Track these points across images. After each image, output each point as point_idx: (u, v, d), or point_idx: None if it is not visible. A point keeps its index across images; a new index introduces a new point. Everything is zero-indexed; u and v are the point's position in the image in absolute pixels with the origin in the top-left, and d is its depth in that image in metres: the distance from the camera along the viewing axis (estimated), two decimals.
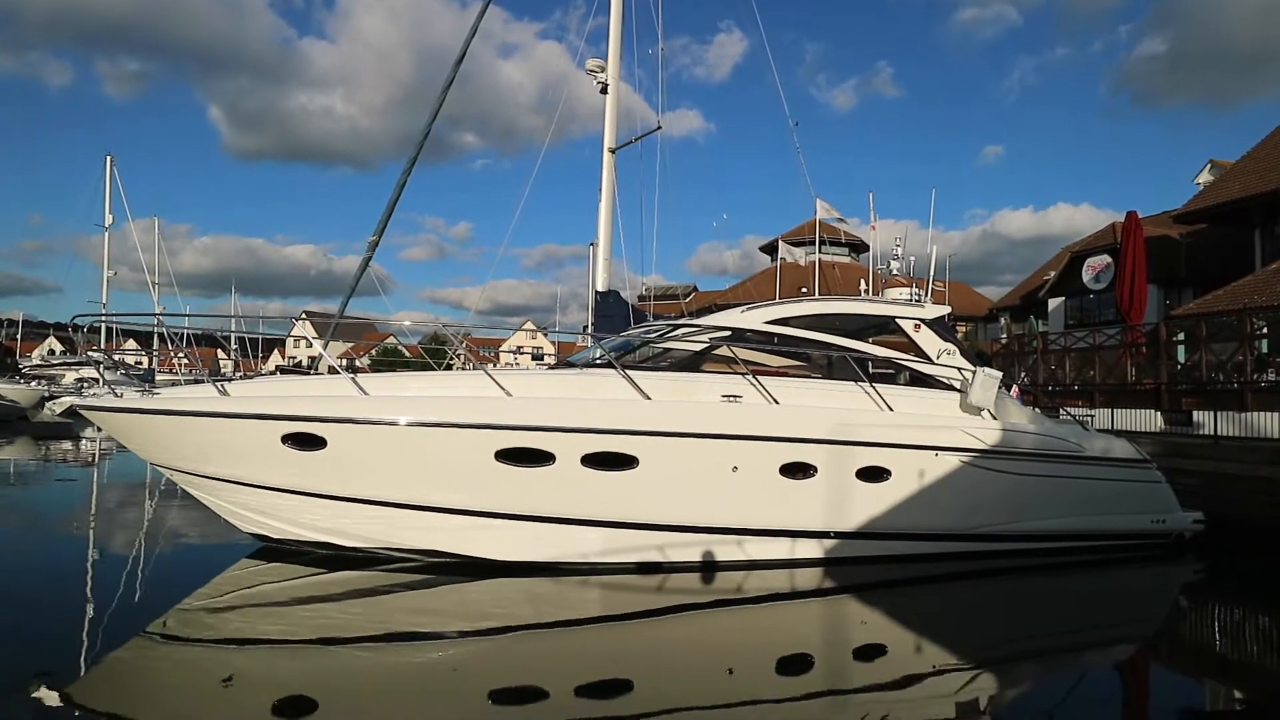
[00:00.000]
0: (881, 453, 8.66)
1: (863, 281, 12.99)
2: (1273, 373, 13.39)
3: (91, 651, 5.82)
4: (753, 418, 8.46)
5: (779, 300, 10.79)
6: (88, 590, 7.58)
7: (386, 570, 8.14)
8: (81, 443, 24.41)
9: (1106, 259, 25.39)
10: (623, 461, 8.05)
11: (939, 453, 8.87)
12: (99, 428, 9.57)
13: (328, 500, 8.13)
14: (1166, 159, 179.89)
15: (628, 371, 8.50)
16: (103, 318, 18.19)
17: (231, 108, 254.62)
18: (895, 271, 11.32)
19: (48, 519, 11.55)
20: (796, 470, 8.45)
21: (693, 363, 9.21)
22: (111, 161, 40.63)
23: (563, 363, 11.37)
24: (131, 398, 8.35)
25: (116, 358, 11.45)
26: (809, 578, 8.47)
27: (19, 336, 57.82)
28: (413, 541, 8.30)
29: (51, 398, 32.97)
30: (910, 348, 9.77)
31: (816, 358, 9.57)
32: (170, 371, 30.96)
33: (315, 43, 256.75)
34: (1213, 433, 12.47)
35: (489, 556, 8.23)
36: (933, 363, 9.63)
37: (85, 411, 8.88)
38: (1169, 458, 11.39)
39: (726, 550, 8.50)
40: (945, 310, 10.28)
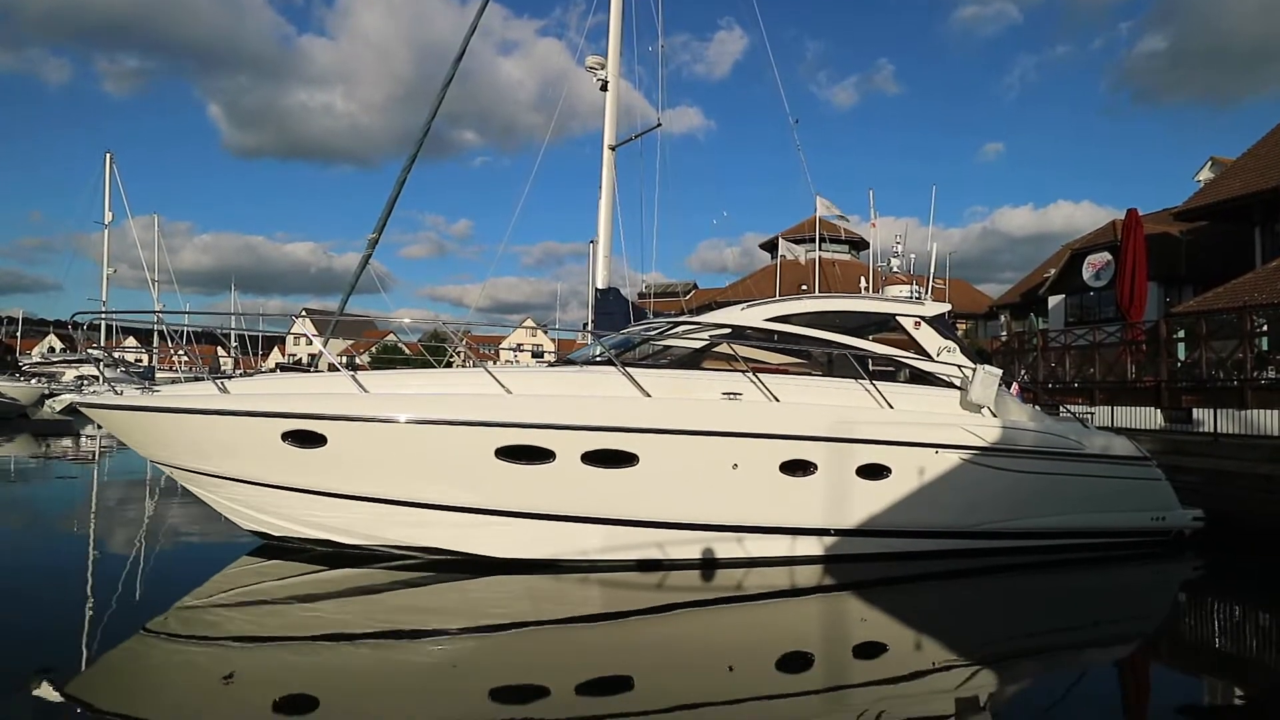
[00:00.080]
0: (881, 450, 8.66)
1: (863, 279, 12.98)
2: (1273, 370, 13.39)
3: (92, 648, 5.83)
4: (753, 415, 8.47)
5: (779, 298, 10.76)
6: (88, 588, 7.59)
7: (387, 568, 8.15)
8: (81, 440, 24.44)
9: (1107, 256, 25.39)
10: (623, 459, 8.05)
11: (939, 450, 8.87)
12: (99, 425, 9.57)
13: (328, 498, 8.14)
14: (1167, 156, 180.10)
15: (628, 369, 8.49)
16: (103, 315, 18.12)
17: (231, 105, 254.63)
18: (895, 269, 11.32)
19: (48, 517, 11.56)
20: (796, 468, 8.46)
21: (693, 360, 9.20)
22: (111, 159, 40.70)
23: (563, 360, 11.35)
24: (132, 395, 8.36)
25: (116, 355, 11.43)
26: (809, 575, 8.47)
27: (19, 334, 57.73)
28: (413, 539, 8.31)
29: (51, 395, 33.06)
30: (910, 345, 9.76)
31: (817, 355, 9.57)
32: (170, 369, 31.02)
33: (315, 40, 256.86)
34: (1212, 430, 12.49)
35: (489, 554, 8.23)
36: (933, 360, 9.62)
37: (85, 409, 8.89)
38: (1169, 455, 11.41)
39: (726, 548, 8.51)
40: (945, 308, 10.28)
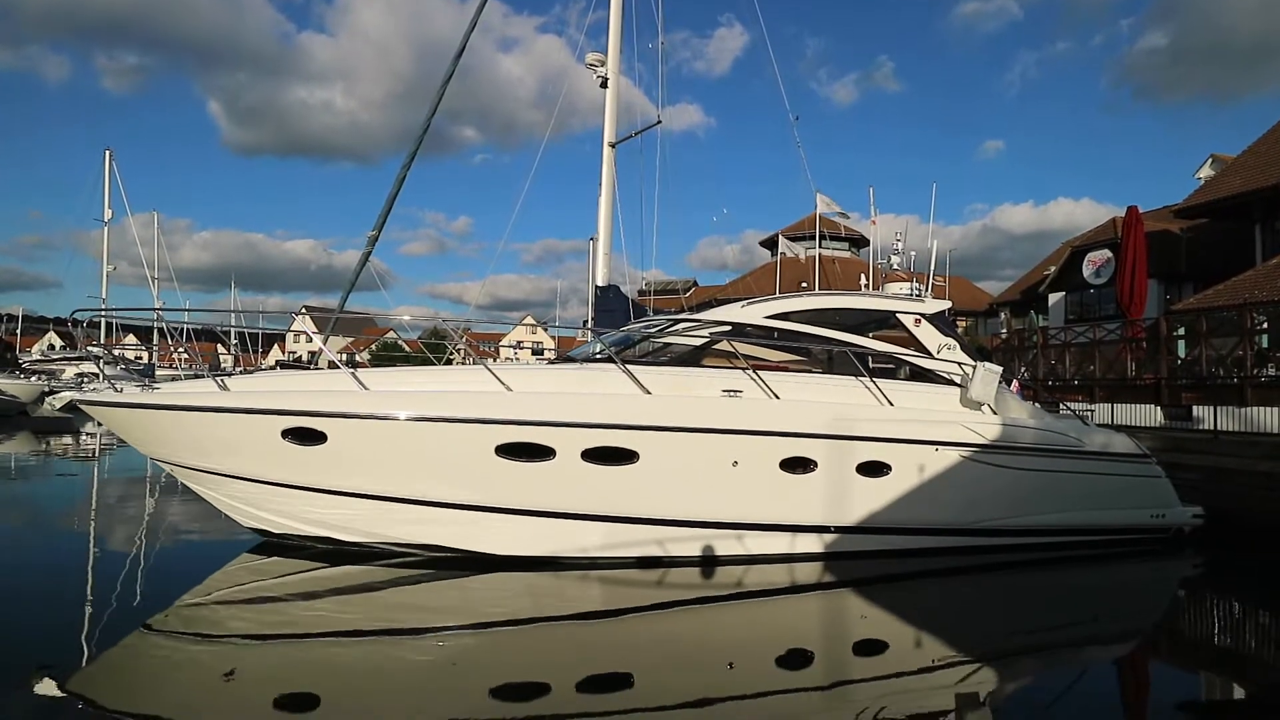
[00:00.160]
0: (881, 447, 8.67)
1: (863, 276, 12.99)
2: (1273, 368, 13.39)
3: (93, 646, 5.83)
4: (753, 412, 8.47)
5: (779, 295, 10.75)
6: (88, 585, 7.59)
7: (387, 565, 8.15)
8: (81, 437, 24.44)
9: (1107, 254, 25.39)
10: (623, 456, 8.05)
11: (939, 447, 8.87)
12: (99, 422, 9.57)
13: (328, 495, 8.14)
14: (1168, 153, 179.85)
15: (628, 366, 8.49)
16: (102, 313, 18.12)
17: (231, 102, 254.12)
18: (895, 266, 11.32)
19: (48, 514, 11.56)
20: (796, 465, 8.46)
21: (693, 357, 9.20)
22: (110, 156, 40.76)
23: (563, 358, 11.35)
24: (131, 393, 8.35)
25: (116, 353, 11.45)
26: (809, 572, 8.48)
27: (19, 331, 57.72)
28: (413, 536, 8.32)
29: (51, 392, 33.02)
30: (911, 342, 9.76)
31: (817, 352, 9.57)
32: (170, 366, 30.96)
33: (314, 36, 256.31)
34: (1212, 428, 12.49)
35: (489, 551, 8.23)
36: (933, 358, 9.62)
37: (85, 406, 8.88)
38: (1169, 453, 11.41)
39: (726, 545, 8.51)
40: (945, 305, 10.28)
